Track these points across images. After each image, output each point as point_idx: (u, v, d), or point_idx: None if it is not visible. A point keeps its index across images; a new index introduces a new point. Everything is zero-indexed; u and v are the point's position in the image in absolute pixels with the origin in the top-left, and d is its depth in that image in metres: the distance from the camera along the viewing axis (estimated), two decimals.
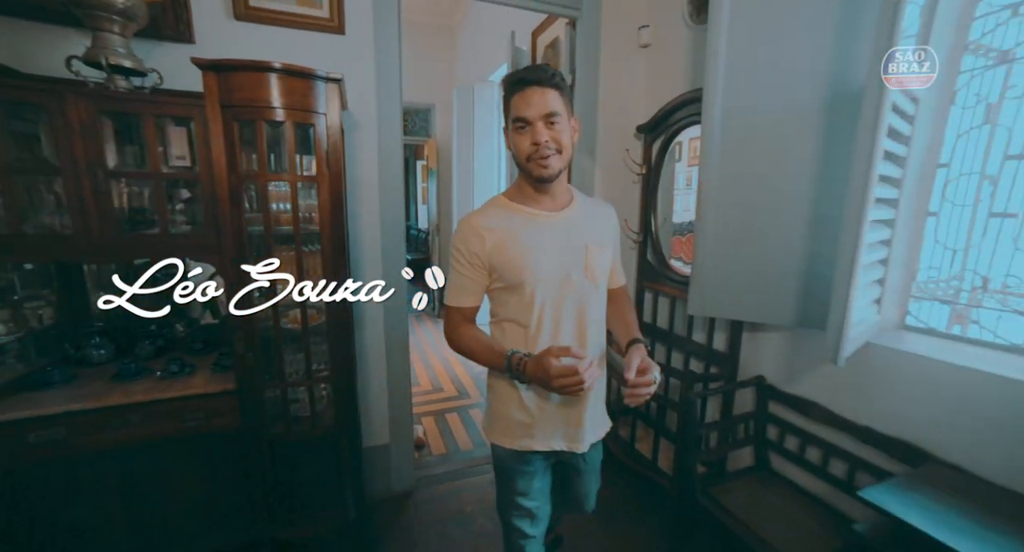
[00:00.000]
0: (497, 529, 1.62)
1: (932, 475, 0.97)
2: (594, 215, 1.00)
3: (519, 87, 0.84)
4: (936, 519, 0.83)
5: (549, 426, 0.95)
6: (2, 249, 1.01)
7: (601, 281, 0.97)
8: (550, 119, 0.84)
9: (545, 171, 0.86)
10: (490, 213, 0.94)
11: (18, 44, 1.14)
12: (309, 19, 1.42)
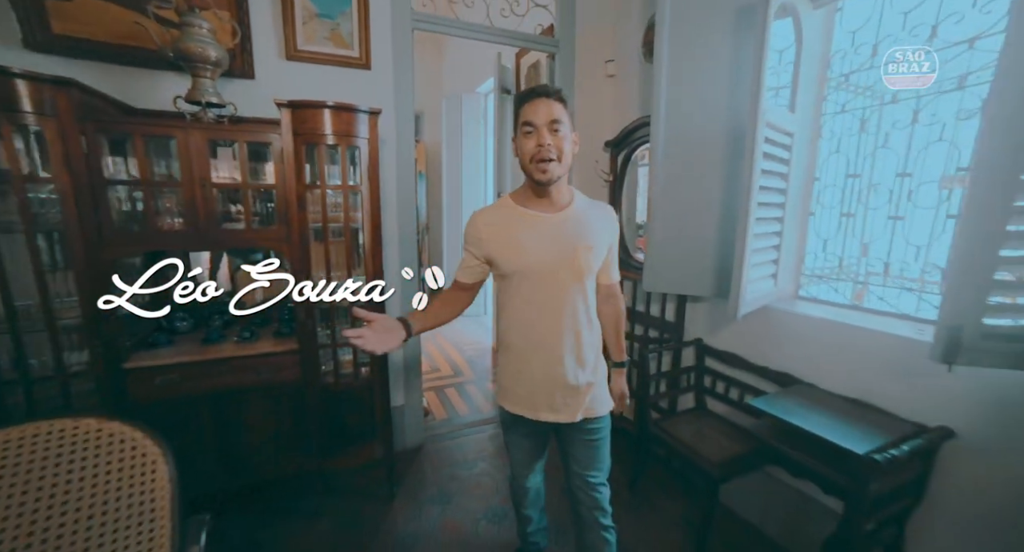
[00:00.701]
0: (494, 470, 2.08)
1: (796, 391, 1.46)
2: (591, 217, 1.12)
3: (529, 98, 1.02)
4: (794, 414, 1.30)
5: (534, 398, 1.14)
6: (139, 240, 1.39)
7: (588, 279, 1.10)
8: (554, 126, 1.00)
9: (544, 176, 1.02)
10: (494, 211, 1.14)
11: (130, 85, 1.52)
12: (343, 58, 1.83)
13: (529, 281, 1.08)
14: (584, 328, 1.13)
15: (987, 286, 0.94)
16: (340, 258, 1.61)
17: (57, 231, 1.29)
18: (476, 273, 1.16)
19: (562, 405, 1.14)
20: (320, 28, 1.77)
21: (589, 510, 1.21)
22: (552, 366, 1.11)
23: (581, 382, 1.13)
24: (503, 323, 1.16)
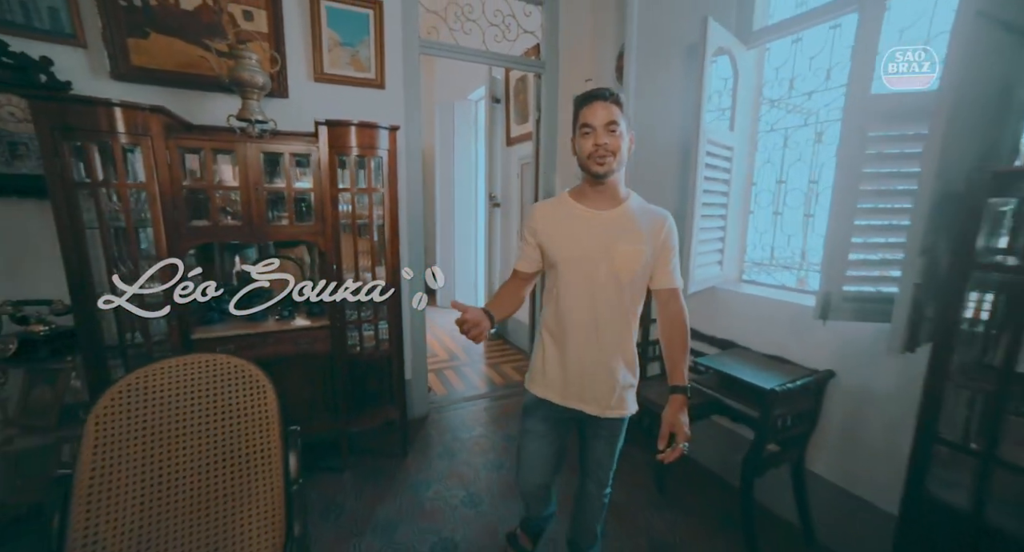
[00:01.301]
0: (490, 433, 2.47)
1: (734, 352, 1.89)
2: (641, 219, 1.16)
3: (588, 101, 1.09)
4: (729, 367, 1.72)
5: (565, 384, 1.21)
6: (206, 234, 1.74)
7: (627, 278, 1.14)
8: (610, 127, 1.07)
9: (601, 168, 1.09)
10: (551, 204, 1.24)
11: (189, 105, 1.86)
12: (362, 80, 2.20)
13: (571, 271, 1.16)
14: (620, 326, 1.19)
15: (845, 265, 1.37)
16: (365, 248, 1.98)
17: (147, 227, 1.63)
18: (533, 262, 1.24)
19: (590, 397, 1.20)
20: (343, 54, 2.14)
21: (598, 486, 1.35)
22: (585, 356, 1.18)
23: (612, 378, 1.19)
24: (546, 309, 1.25)
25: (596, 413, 1.21)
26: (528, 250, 1.23)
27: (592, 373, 1.20)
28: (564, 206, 1.20)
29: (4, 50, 1.52)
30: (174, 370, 1.08)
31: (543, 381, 1.25)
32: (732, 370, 1.66)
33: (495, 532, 1.74)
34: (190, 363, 1.10)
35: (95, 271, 1.55)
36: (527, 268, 1.25)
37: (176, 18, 1.81)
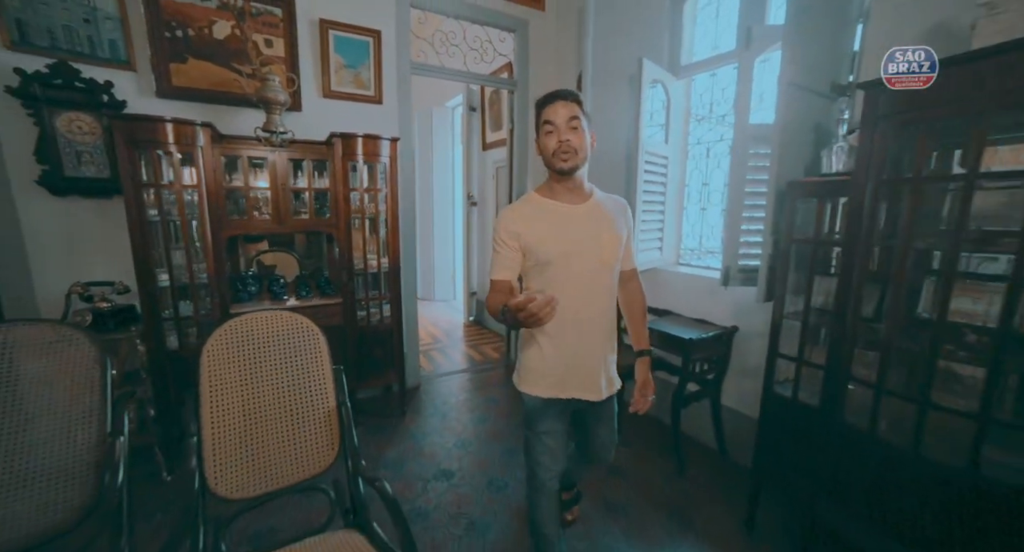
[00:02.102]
0: (474, 397, 2.95)
1: (669, 317, 2.45)
2: (610, 208, 1.25)
3: (550, 101, 1.16)
4: (667, 328, 2.27)
5: (569, 378, 1.24)
6: (242, 227, 2.14)
7: (614, 264, 1.23)
8: (572, 123, 1.12)
9: (565, 164, 1.13)
10: (523, 205, 1.24)
11: (220, 118, 2.24)
12: (363, 96, 2.63)
13: (562, 268, 1.19)
14: (610, 310, 1.27)
15: (737, 245, 1.94)
16: (371, 237, 2.43)
17: (195, 219, 2.02)
18: (516, 267, 1.23)
19: (592, 384, 1.26)
20: (347, 75, 2.57)
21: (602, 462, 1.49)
22: (584, 347, 1.23)
23: (605, 362, 1.28)
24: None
25: (597, 398, 1.28)
26: (510, 254, 1.21)
27: (590, 362, 1.26)
28: (538, 204, 1.23)
29: (78, 76, 1.88)
30: (254, 321, 1.50)
31: (544, 382, 1.26)
32: (666, 329, 2.21)
33: (484, 464, 2.22)
34: (264, 316, 1.53)
35: (155, 255, 1.94)
36: (510, 275, 1.22)
37: (209, 46, 2.20)
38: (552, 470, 1.31)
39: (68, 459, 1.12)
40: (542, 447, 1.30)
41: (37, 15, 1.82)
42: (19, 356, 1.13)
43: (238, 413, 1.34)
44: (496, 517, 1.84)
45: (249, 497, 1.29)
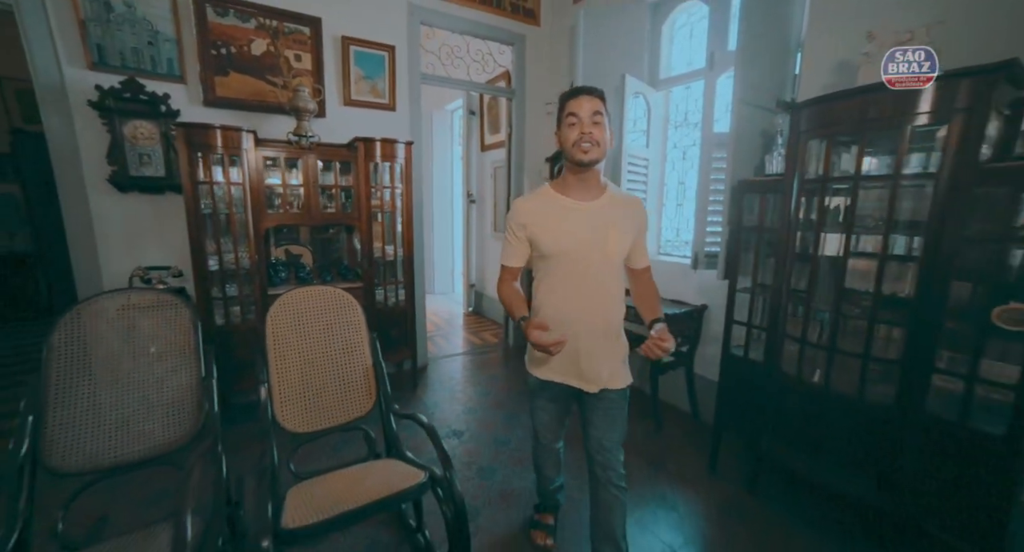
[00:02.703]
0: (476, 375, 3.32)
1: None
2: (621, 207, 1.28)
3: (575, 95, 1.21)
4: None
5: (565, 366, 1.32)
6: (278, 218, 2.49)
7: (618, 261, 1.26)
8: (595, 118, 1.17)
9: (585, 155, 1.17)
10: (535, 199, 1.31)
11: (256, 123, 2.59)
12: (378, 104, 2.99)
13: (565, 262, 1.25)
14: (612, 307, 1.31)
15: (704, 234, 2.33)
16: (389, 229, 2.79)
17: (241, 212, 2.36)
18: (523, 256, 1.33)
19: (587, 374, 1.31)
20: (364, 85, 2.92)
21: (603, 470, 1.36)
22: (581, 339, 1.27)
23: (605, 356, 1.31)
24: (539, 298, 1.34)
25: (592, 389, 1.32)
26: (517, 245, 1.32)
27: (589, 352, 1.30)
28: (549, 198, 1.29)
29: (143, 90, 2.22)
30: (305, 293, 1.86)
31: (544, 365, 1.36)
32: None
33: (488, 426, 2.58)
34: (314, 290, 1.89)
35: (206, 243, 2.28)
36: (518, 263, 1.35)
37: (248, 61, 2.54)
38: (547, 436, 1.54)
39: (179, 393, 1.47)
40: (538, 417, 1.52)
41: (112, 40, 2.16)
42: (137, 314, 1.48)
43: (296, 366, 1.70)
44: (501, 465, 2.21)
45: (307, 432, 1.64)
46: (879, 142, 1.46)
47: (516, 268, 1.35)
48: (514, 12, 3.36)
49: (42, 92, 2.08)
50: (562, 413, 1.50)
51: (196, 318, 1.59)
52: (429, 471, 1.47)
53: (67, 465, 1.28)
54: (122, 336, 1.44)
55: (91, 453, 1.32)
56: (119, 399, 1.39)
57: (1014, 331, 1.20)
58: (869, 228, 1.50)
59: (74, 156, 2.18)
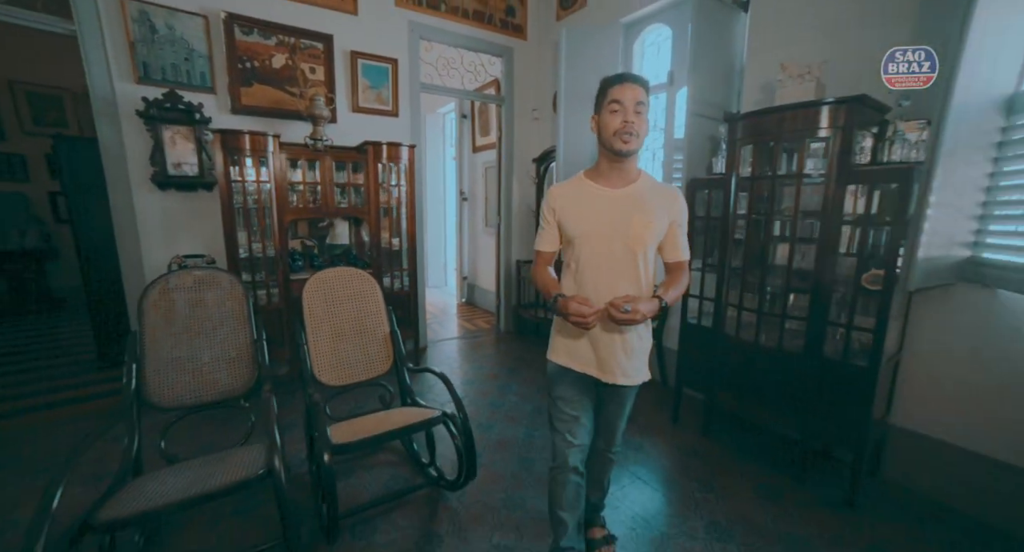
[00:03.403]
0: (471, 353, 3.73)
1: None
2: (652, 195, 1.27)
3: (620, 80, 1.20)
4: None
5: (584, 354, 1.33)
6: (298, 212, 2.85)
7: (641, 249, 1.25)
8: (638, 107, 1.18)
9: (625, 146, 1.18)
10: (568, 185, 1.34)
11: (280, 128, 2.94)
12: (383, 111, 3.36)
13: (587, 246, 1.26)
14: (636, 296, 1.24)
15: None
16: (395, 223, 3.17)
17: (268, 207, 2.72)
18: (554, 241, 1.36)
19: (607, 366, 1.30)
20: (370, 93, 3.30)
21: (606, 445, 1.50)
22: (604, 327, 1.26)
23: (627, 348, 1.29)
24: (564, 283, 1.34)
25: (611, 381, 1.31)
26: (549, 229, 1.35)
27: (608, 342, 1.29)
28: (580, 185, 1.32)
29: (181, 100, 2.57)
30: (333, 272, 2.23)
31: (564, 351, 1.37)
32: None
33: (485, 393, 2.98)
34: (340, 270, 2.27)
35: (238, 234, 2.64)
36: (550, 248, 1.38)
37: (269, 73, 2.90)
38: (571, 441, 1.36)
39: (238, 351, 1.85)
40: (557, 412, 1.39)
41: (156, 57, 2.50)
42: (203, 287, 1.85)
43: (327, 331, 2.09)
44: (497, 422, 2.61)
45: (338, 385, 2.03)
46: (790, 149, 1.90)
47: (548, 253, 1.39)
48: (503, 27, 3.77)
49: (97, 104, 2.42)
50: (582, 400, 1.39)
51: (247, 292, 1.96)
52: (442, 411, 1.87)
53: (162, 402, 1.66)
54: (192, 304, 1.81)
55: (177, 394, 1.70)
56: (193, 354, 1.77)
57: (874, 290, 1.65)
58: (785, 216, 1.94)
59: (121, 159, 2.52)
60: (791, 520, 1.77)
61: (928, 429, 1.88)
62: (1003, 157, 1.59)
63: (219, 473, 1.43)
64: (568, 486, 1.40)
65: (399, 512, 1.83)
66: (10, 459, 2.13)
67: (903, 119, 1.64)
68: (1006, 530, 1.69)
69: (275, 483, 1.38)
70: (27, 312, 4.76)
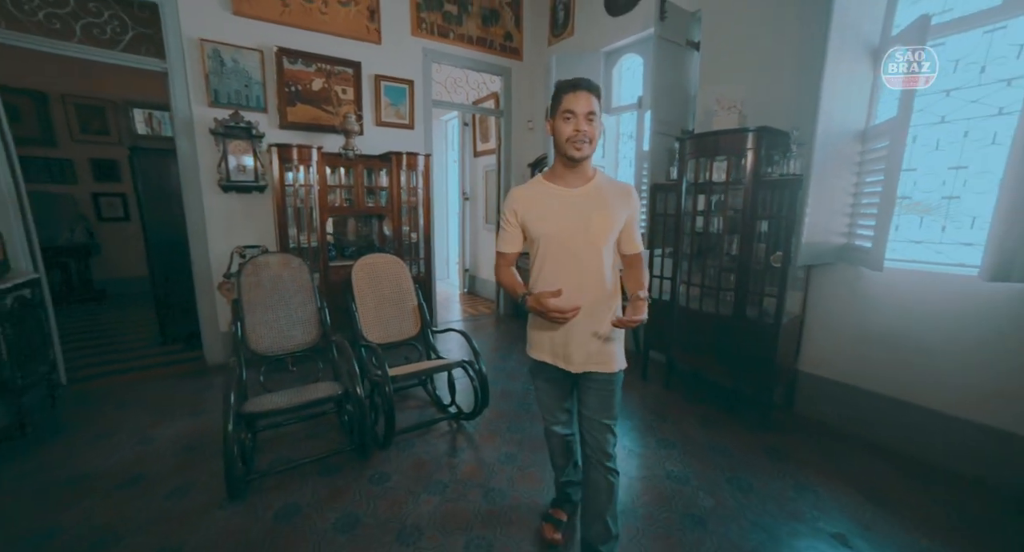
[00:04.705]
0: (473, 333, 4.36)
1: None
2: (608, 192, 1.34)
3: (573, 88, 1.26)
4: None
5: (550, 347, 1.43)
6: (333, 210, 3.45)
7: (603, 243, 1.32)
8: (589, 116, 1.25)
9: (577, 153, 1.27)
10: (528, 187, 1.41)
11: (319, 140, 3.53)
12: (401, 124, 3.96)
13: (551, 245, 1.33)
14: (598, 290, 1.35)
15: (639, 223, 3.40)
16: (413, 219, 3.78)
17: (312, 207, 3.32)
18: (517, 242, 1.42)
19: (574, 356, 1.38)
20: (391, 110, 3.90)
21: (594, 451, 1.43)
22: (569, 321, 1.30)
23: (596, 338, 1.36)
24: (531, 281, 1.41)
25: (578, 371, 1.39)
26: (511, 230, 1.40)
27: (577, 335, 1.36)
28: (539, 187, 1.37)
29: (242, 119, 3.15)
30: (373, 257, 2.84)
31: (539, 347, 1.46)
32: None
33: (488, 360, 3.60)
34: (378, 256, 2.88)
35: (287, 229, 3.23)
36: (512, 248, 1.43)
37: (309, 95, 3.49)
38: (549, 419, 1.59)
39: (307, 315, 2.45)
40: (539, 396, 1.58)
41: (223, 85, 3.09)
42: (278, 268, 2.45)
43: (371, 301, 2.69)
44: (500, 378, 3.23)
45: (381, 343, 2.64)
46: (723, 163, 2.53)
47: (510, 253, 1.46)
48: (503, 51, 4.38)
49: (178, 124, 3.00)
50: (559, 394, 1.53)
51: (312, 271, 2.57)
52: (462, 359, 2.49)
53: (259, 349, 2.27)
54: (274, 279, 2.42)
55: (268, 345, 2.31)
56: (277, 316, 2.37)
57: (778, 267, 2.29)
58: (720, 213, 2.57)
59: (195, 168, 3.10)
60: (719, 436, 2.41)
61: (825, 372, 2.52)
62: (862, 172, 2.22)
63: (309, 393, 2.05)
64: (554, 441, 1.65)
65: (430, 435, 2.45)
66: (109, 406, 2.74)
67: (796, 143, 2.27)
68: (882, 445, 2.32)
69: (354, 399, 2.00)
70: (73, 301, 5.31)
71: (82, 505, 1.83)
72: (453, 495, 1.94)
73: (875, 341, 2.29)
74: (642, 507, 1.86)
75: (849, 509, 1.84)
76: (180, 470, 2.06)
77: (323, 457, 2.15)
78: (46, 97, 5.02)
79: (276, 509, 1.82)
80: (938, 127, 2.10)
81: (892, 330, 2.21)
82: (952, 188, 2.08)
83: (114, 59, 2.85)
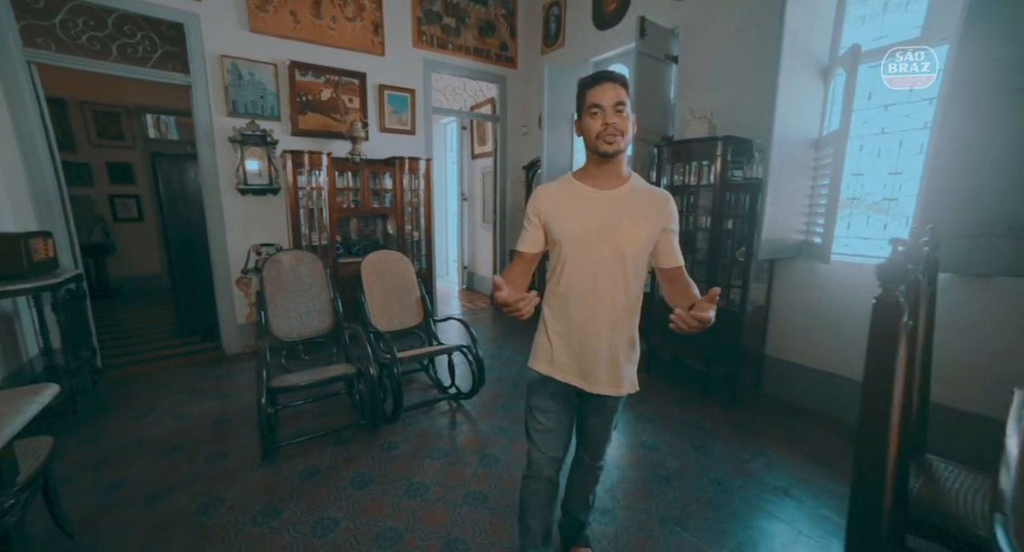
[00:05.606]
0: (473, 324, 4.64)
1: None
2: (642, 198, 1.24)
3: (596, 82, 1.18)
4: None
5: (566, 362, 1.29)
6: (343, 211, 3.73)
7: (630, 254, 1.21)
8: (618, 107, 1.15)
9: (610, 146, 1.16)
10: (555, 185, 1.31)
11: (328, 146, 3.82)
12: (404, 130, 4.24)
13: (573, 249, 1.24)
14: (623, 304, 1.25)
15: None
16: (415, 219, 4.06)
17: (322, 208, 3.60)
18: (537, 242, 1.31)
19: (590, 375, 1.27)
20: (394, 117, 4.18)
21: (592, 458, 1.47)
22: (589, 333, 1.25)
23: (612, 356, 1.26)
24: (549, 286, 1.32)
25: (594, 391, 1.27)
26: (532, 231, 1.30)
27: (593, 350, 1.26)
28: (568, 186, 1.28)
29: (258, 128, 3.43)
30: (379, 254, 3.14)
31: (545, 358, 1.32)
32: None
33: (487, 349, 3.88)
34: (384, 253, 3.18)
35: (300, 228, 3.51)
36: (531, 249, 1.31)
37: (318, 104, 3.77)
38: (544, 452, 1.35)
39: (322, 305, 2.74)
40: (534, 422, 1.35)
41: (241, 96, 3.37)
42: (297, 262, 2.73)
43: (379, 293, 2.98)
44: (496, 364, 3.52)
45: (387, 330, 2.93)
46: (696, 168, 2.82)
47: (527, 253, 1.32)
48: (498, 60, 4.66)
49: (200, 132, 3.28)
50: (563, 413, 1.36)
51: (326, 265, 2.86)
52: (461, 343, 2.78)
53: (280, 334, 2.56)
54: (293, 272, 2.70)
55: (288, 331, 2.59)
56: (296, 306, 2.66)
57: (741, 261, 2.57)
58: (693, 212, 2.85)
59: (215, 173, 3.39)
60: (692, 413, 2.70)
61: (787, 355, 2.81)
62: (816, 176, 2.51)
63: (326, 372, 2.34)
64: (540, 495, 1.40)
65: (433, 412, 2.74)
66: (142, 389, 3.03)
67: (758, 150, 2.56)
68: (830, 416, 2.61)
69: (366, 377, 2.29)
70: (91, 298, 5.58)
71: (136, 466, 2.12)
72: (454, 459, 2.23)
73: (824, 326, 2.58)
74: (617, 469, 2.15)
75: (794, 468, 2.13)
76: (214, 440, 2.35)
77: (337, 430, 2.44)
78: (65, 104, 5.29)
79: (300, 470, 2.11)
80: (879, 137, 2.39)
81: (837, 316, 2.51)
82: (891, 191, 2.37)
83: (145, 75, 3.13)
